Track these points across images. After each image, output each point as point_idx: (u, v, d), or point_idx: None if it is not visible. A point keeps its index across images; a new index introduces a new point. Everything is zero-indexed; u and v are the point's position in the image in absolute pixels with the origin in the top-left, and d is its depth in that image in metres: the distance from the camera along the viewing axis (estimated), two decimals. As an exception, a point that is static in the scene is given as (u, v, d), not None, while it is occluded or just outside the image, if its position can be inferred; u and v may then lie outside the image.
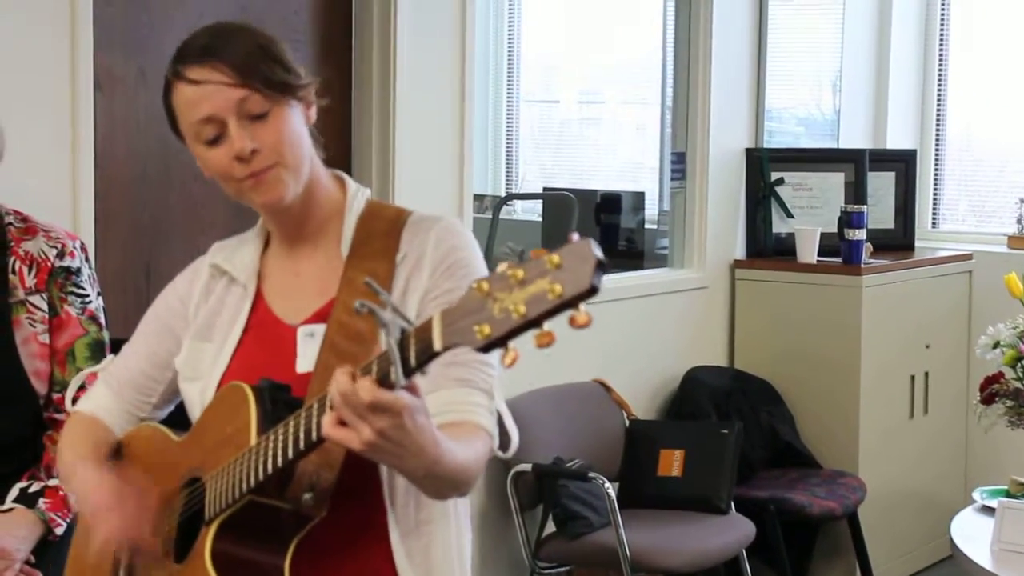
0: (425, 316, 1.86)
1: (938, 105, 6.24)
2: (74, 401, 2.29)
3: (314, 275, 2.04)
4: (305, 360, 1.96)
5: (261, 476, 1.75)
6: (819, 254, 5.29)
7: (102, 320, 2.83)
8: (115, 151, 3.47)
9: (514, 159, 6.75)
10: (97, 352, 2.78)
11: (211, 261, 2.12)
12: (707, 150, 5.31)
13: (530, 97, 6.90)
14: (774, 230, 5.53)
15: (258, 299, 2.07)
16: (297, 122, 1.95)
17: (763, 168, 5.52)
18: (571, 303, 1.40)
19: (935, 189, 6.27)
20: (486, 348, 1.45)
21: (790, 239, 5.39)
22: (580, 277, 1.39)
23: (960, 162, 6.33)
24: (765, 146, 5.63)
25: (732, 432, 4.62)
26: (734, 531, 4.43)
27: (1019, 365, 3.30)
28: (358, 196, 2.06)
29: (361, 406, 1.59)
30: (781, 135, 5.90)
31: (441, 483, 1.80)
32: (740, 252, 5.50)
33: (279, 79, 1.93)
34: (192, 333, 2.09)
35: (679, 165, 5.32)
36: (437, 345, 1.50)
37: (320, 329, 1.96)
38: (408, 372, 1.54)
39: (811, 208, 5.58)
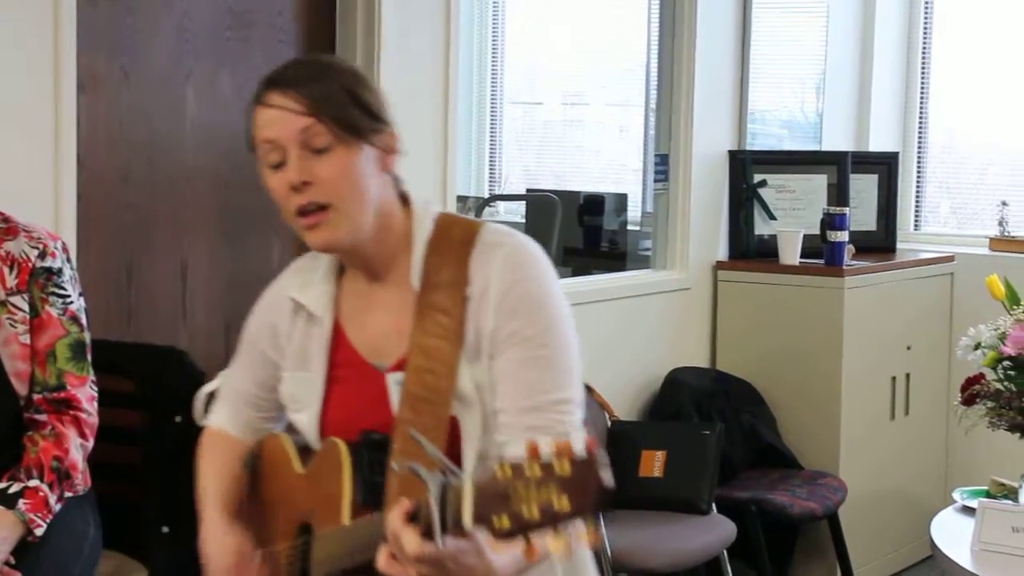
0: (497, 363, 1.93)
1: (920, 108, 6.26)
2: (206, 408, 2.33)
3: (389, 308, 2.05)
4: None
5: (351, 564, 1.82)
6: (801, 256, 5.30)
7: (84, 321, 2.83)
8: (98, 152, 3.47)
9: (497, 160, 6.75)
10: (78, 353, 2.78)
11: (288, 293, 2.14)
12: (690, 152, 5.31)
13: (514, 98, 6.90)
14: (756, 232, 5.54)
15: (338, 333, 2.09)
16: (363, 165, 1.95)
17: (746, 170, 5.53)
18: (575, 517, 1.45)
19: (917, 191, 6.29)
20: (505, 538, 1.49)
21: (772, 241, 5.40)
22: (584, 499, 1.44)
23: (942, 164, 6.35)
24: (748, 148, 5.65)
25: (714, 433, 4.62)
26: (715, 532, 4.43)
27: (1000, 366, 3.31)
28: (425, 221, 2.05)
29: (406, 556, 1.64)
30: (764, 137, 5.91)
31: None
32: (723, 254, 5.51)
33: (349, 119, 1.94)
34: (289, 364, 2.13)
35: (662, 167, 5.33)
36: (467, 522, 1.53)
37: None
38: (446, 531, 1.58)
39: (794, 210, 5.59)
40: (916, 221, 6.28)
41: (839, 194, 5.57)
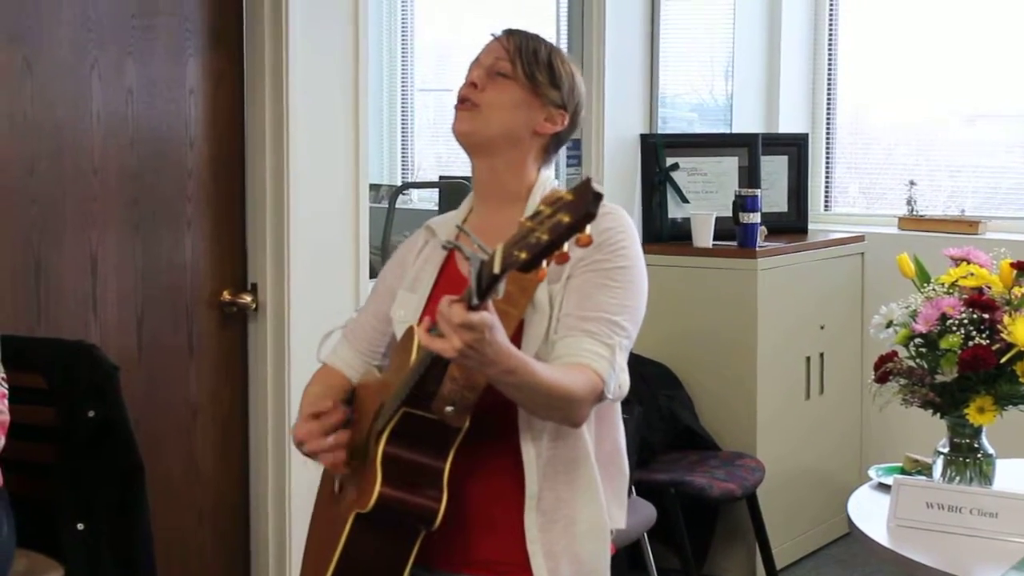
0: (572, 281, 2.31)
1: (828, 89, 6.32)
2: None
3: (499, 236, 2.36)
4: None
5: (411, 387, 2.13)
6: (714, 238, 5.33)
7: (-9, 316, 2.78)
8: (1, 144, 3.40)
9: (409, 148, 6.72)
10: (-14, 348, 2.73)
11: (428, 223, 2.54)
12: (602, 136, 5.32)
13: (425, 85, 6.87)
14: (670, 215, 5.56)
15: (451, 258, 2.45)
16: (523, 105, 2.40)
17: (658, 154, 5.55)
18: (576, 227, 1.80)
19: (827, 172, 6.35)
20: (525, 268, 1.81)
21: (686, 224, 5.43)
22: (581, 207, 1.80)
23: (851, 145, 6.42)
24: (659, 132, 5.66)
25: (632, 416, 4.63)
26: (635, 515, 4.44)
27: (912, 344, 3.33)
28: (547, 183, 2.44)
29: (452, 324, 1.94)
30: (675, 121, 5.94)
31: (531, 397, 2.15)
32: (636, 237, 5.52)
33: (532, 70, 2.40)
34: (404, 285, 2.49)
35: (575, 152, 5.33)
36: (496, 269, 1.85)
37: None
38: (480, 295, 1.90)
39: (706, 193, 5.62)
40: (827, 202, 6.34)
41: (750, 176, 5.60)
